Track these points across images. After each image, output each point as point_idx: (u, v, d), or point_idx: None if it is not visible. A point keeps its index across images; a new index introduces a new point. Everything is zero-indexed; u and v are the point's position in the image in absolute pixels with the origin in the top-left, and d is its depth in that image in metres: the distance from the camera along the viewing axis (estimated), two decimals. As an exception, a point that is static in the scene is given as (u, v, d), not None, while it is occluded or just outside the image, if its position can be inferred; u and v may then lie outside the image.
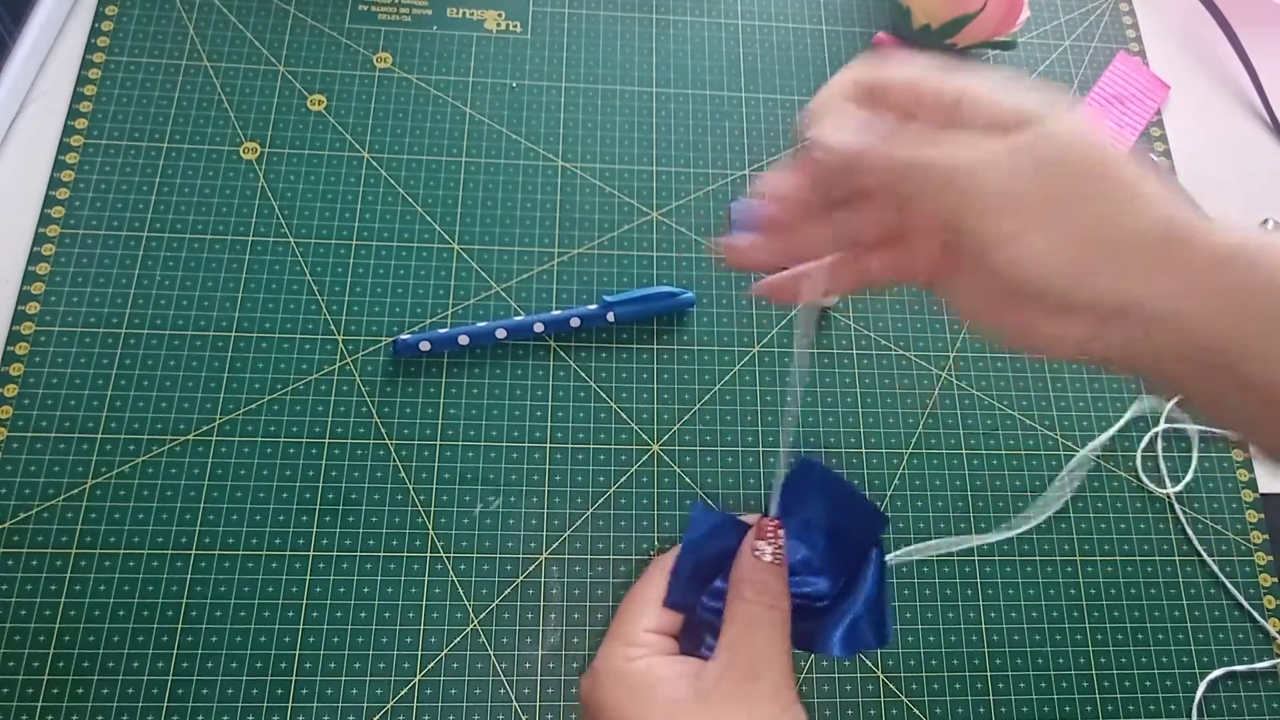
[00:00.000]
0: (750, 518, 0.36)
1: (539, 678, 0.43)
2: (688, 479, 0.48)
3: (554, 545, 0.46)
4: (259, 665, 0.43)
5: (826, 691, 0.44)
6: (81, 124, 0.52)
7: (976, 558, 0.47)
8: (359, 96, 0.54)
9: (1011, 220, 0.27)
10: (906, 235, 0.32)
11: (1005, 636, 0.46)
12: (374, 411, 0.47)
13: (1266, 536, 0.49)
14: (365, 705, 0.42)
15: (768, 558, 0.33)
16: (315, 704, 0.42)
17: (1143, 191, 0.27)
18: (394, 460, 0.47)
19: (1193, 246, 0.27)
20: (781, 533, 0.34)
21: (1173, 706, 0.45)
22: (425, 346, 0.48)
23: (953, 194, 0.27)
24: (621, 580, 0.46)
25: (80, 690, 0.41)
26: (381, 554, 0.45)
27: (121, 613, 0.43)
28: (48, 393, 0.46)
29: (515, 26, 0.58)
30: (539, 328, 0.49)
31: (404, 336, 0.48)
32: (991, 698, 0.45)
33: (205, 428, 0.46)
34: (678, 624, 0.34)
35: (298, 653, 0.43)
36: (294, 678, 0.43)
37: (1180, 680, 0.46)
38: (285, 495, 0.45)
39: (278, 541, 0.45)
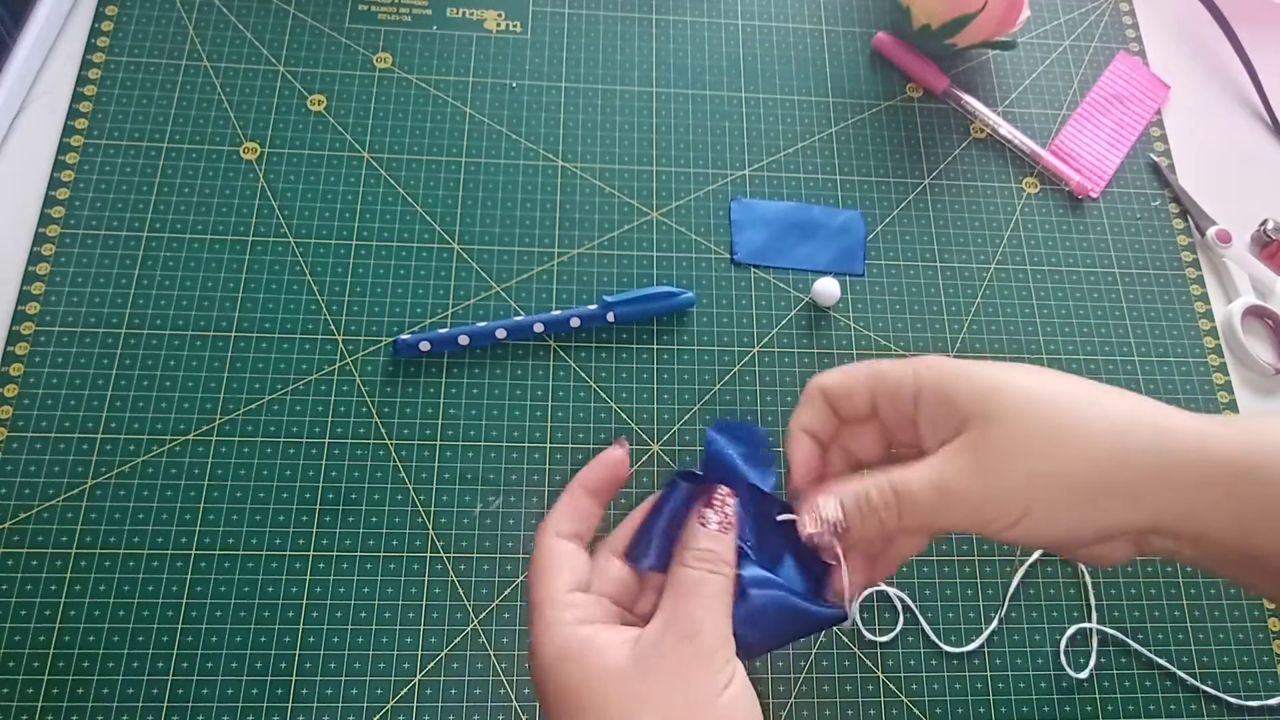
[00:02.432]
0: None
1: (539, 678, 0.43)
2: (688, 479, 0.48)
3: (554, 545, 0.46)
4: (259, 665, 0.43)
5: (826, 692, 0.44)
6: (81, 124, 0.52)
7: (976, 558, 0.47)
8: (359, 96, 0.54)
9: (1002, 513, 0.30)
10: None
11: (1005, 637, 0.46)
12: (374, 411, 0.47)
13: (1266, 536, 0.49)
14: (365, 705, 0.42)
15: (713, 526, 0.32)
16: (315, 704, 0.42)
17: (1094, 423, 0.30)
18: (394, 460, 0.47)
19: (1176, 461, 0.30)
20: (732, 501, 0.33)
21: (1173, 707, 0.45)
22: (425, 346, 0.48)
23: (945, 518, 0.31)
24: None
25: (80, 690, 0.41)
26: (381, 554, 0.45)
27: (121, 613, 0.43)
28: (48, 393, 0.46)
29: (515, 26, 0.58)
30: (539, 328, 0.49)
31: (404, 336, 0.48)
32: (991, 698, 0.45)
33: (205, 428, 0.46)
34: (583, 565, 0.32)
35: (298, 653, 0.43)
36: (294, 678, 0.43)
37: (1180, 682, 0.46)
38: (285, 495, 0.45)
39: (278, 541, 0.45)
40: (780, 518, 0.34)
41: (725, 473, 0.35)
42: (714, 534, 0.32)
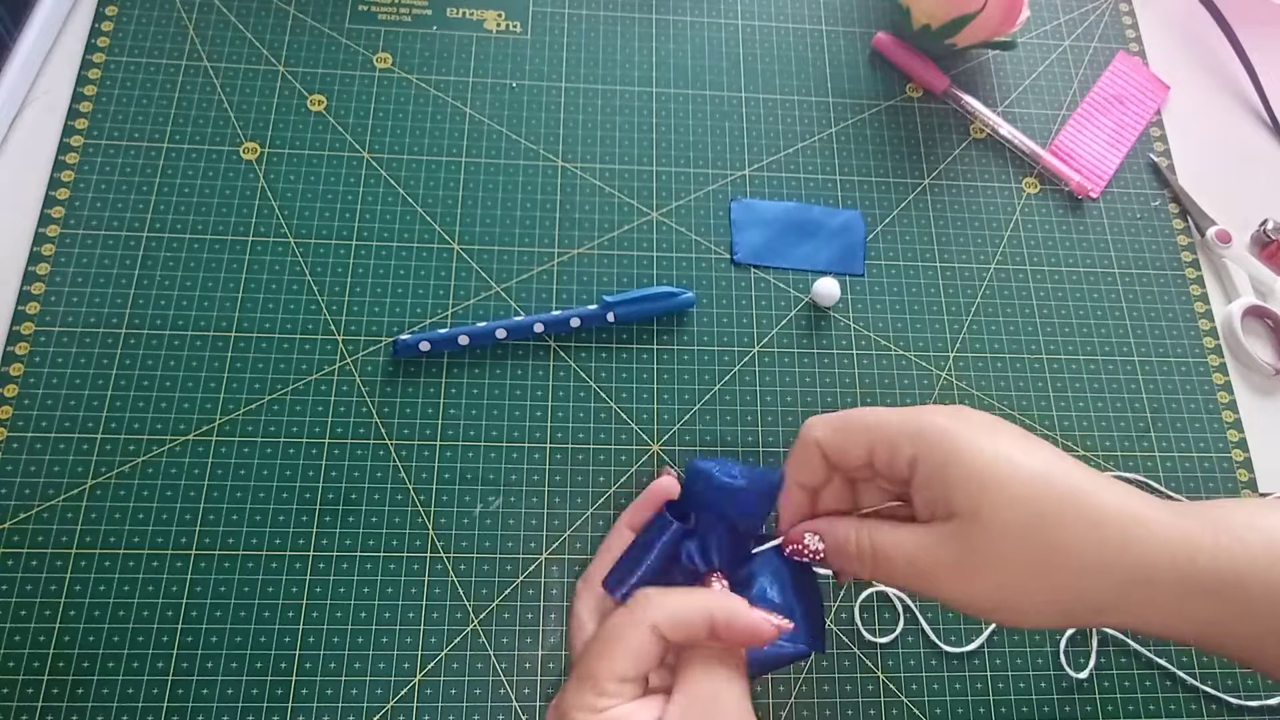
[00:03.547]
0: None
1: (539, 678, 0.43)
2: (688, 479, 0.48)
3: (554, 545, 0.46)
4: (259, 665, 0.43)
5: (826, 691, 0.44)
6: (81, 124, 0.52)
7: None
8: (359, 96, 0.54)
9: (969, 607, 0.31)
10: None
11: (1005, 637, 0.46)
12: (374, 411, 0.47)
13: (1266, 536, 0.49)
14: (365, 705, 0.42)
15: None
16: (315, 704, 0.42)
17: (1077, 543, 0.30)
18: (394, 460, 0.47)
19: (1161, 574, 0.30)
20: (723, 583, 0.34)
21: (1173, 707, 0.45)
22: (425, 346, 0.48)
23: (913, 587, 0.32)
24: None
25: (80, 690, 0.41)
26: (381, 554, 0.45)
27: (121, 613, 0.43)
28: (48, 393, 0.46)
29: (515, 26, 0.58)
30: (539, 328, 0.49)
31: (404, 336, 0.48)
32: (991, 698, 0.45)
33: (205, 428, 0.46)
34: (652, 662, 0.31)
35: (298, 653, 0.43)
36: (294, 678, 0.43)
37: (1180, 682, 0.46)
38: (285, 495, 0.45)
39: (278, 541, 0.45)
40: (755, 550, 0.35)
41: (709, 502, 0.36)
42: None
